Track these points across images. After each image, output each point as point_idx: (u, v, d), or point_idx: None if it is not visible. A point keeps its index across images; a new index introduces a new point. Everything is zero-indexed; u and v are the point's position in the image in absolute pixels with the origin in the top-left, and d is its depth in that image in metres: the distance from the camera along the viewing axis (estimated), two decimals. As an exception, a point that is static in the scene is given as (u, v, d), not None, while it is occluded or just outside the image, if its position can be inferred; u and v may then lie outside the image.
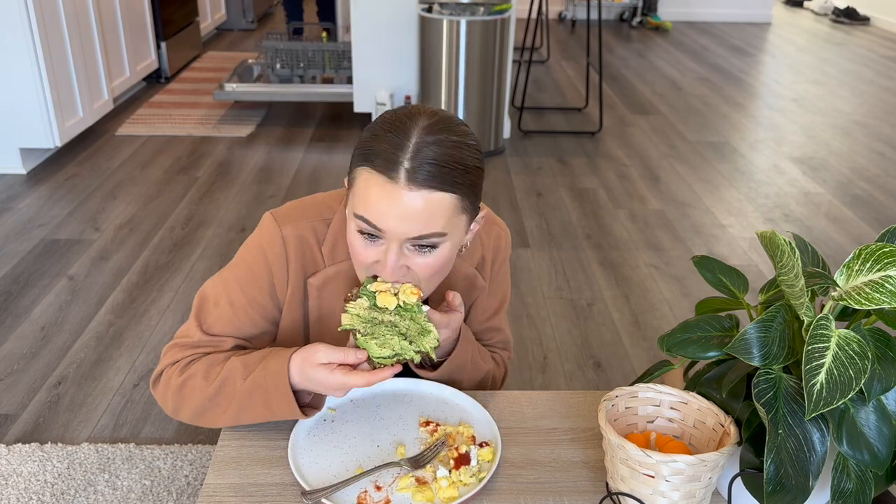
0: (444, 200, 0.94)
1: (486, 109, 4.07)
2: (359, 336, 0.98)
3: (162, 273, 2.90)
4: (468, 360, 1.17)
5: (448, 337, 1.10)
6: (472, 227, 1.04)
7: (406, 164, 0.92)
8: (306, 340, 1.16)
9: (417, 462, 1.00)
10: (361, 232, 0.98)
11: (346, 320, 0.99)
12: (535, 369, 2.43)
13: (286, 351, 1.02)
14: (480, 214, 1.06)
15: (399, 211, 0.93)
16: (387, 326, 0.98)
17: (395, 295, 0.98)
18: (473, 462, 1.00)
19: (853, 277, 0.86)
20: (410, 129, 0.94)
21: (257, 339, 1.14)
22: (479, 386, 1.22)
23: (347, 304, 0.99)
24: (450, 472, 0.98)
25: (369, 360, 0.98)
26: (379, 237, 0.97)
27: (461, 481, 0.97)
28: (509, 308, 2.74)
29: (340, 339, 1.13)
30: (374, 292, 0.98)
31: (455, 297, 1.10)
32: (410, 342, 0.97)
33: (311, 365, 0.98)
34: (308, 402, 1.05)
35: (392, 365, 0.97)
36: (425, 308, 1.00)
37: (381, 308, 0.98)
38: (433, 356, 0.99)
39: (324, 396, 1.06)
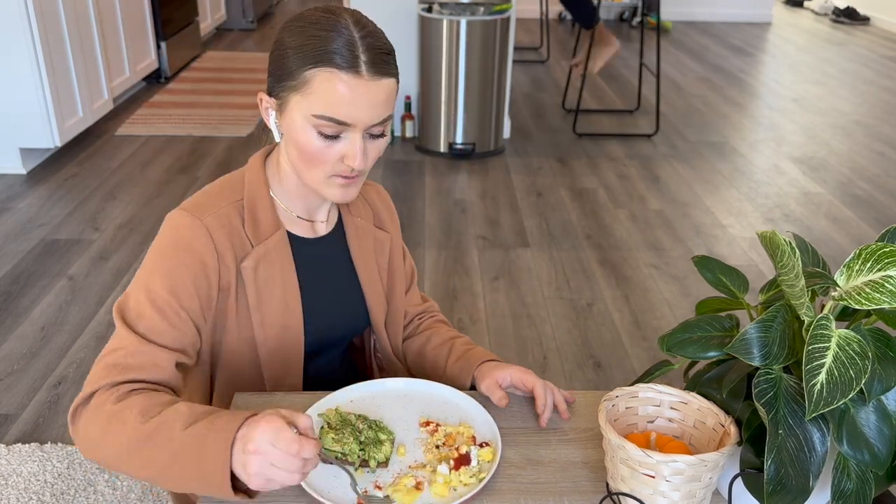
0: (392, 84, 1.02)
1: (486, 109, 4.07)
2: (324, 426, 1.01)
3: (162, 273, 2.89)
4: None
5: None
6: None
7: (363, 57, 0.98)
8: (245, 327, 1.10)
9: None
10: (322, 134, 1.00)
11: (323, 417, 1.02)
12: (534, 369, 2.43)
13: (239, 413, 0.89)
14: None
15: (367, 101, 0.99)
16: (352, 429, 1.00)
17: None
18: (474, 462, 1.00)
19: (853, 277, 0.86)
20: (346, 25, 0.99)
21: (191, 348, 1.04)
22: None
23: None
24: (450, 471, 0.98)
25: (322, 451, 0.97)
26: (339, 135, 1.01)
27: (461, 482, 0.97)
28: (509, 308, 2.75)
29: (281, 318, 1.11)
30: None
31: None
32: (362, 449, 0.99)
33: (266, 426, 0.83)
34: (242, 488, 0.89)
35: (336, 458, 0.97)
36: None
37: (355, 415, 1.03)
38: (372, 467, 0.98)
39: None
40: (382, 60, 1.00)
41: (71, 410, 0.96)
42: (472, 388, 1.19)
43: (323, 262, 1.18)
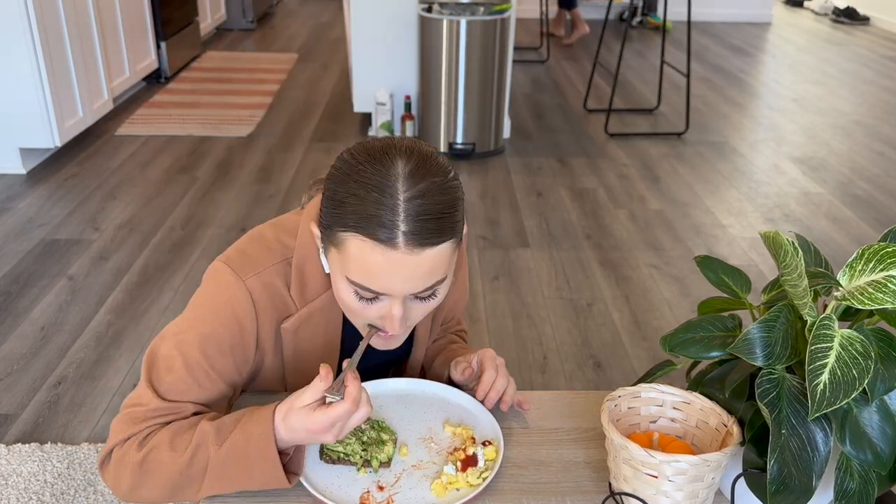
0: (443, 251, 0.90)
1: (486, 109, 4.07)
2: None
3: (162, 273, 2.89)
4: None
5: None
6: None
7: (402, 226, 0.86)
8: (285, 383, 1.11)
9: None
10: (358, 294, 0.93)
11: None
12: (534, 369, 2.43)
13: (265, 410, 0.93)
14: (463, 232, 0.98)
15: (402, 275, 0.89)
16: (354, 430, 1.00)
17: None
18: (480, 463, 0.99)
19: (856, 277, 0.86)
20: (393, 181, 0.86)
21: (216, 404, 1.04)
22: None
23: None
24: (456, 472, 0.98)
25: (322, 448, 1.01)
26: (378, 298, 0.93)
27: (468, 482, 0.97)
28: (509, 308, 2.74)
29: (316, 368, 1.11)
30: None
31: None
32: (364, 449, 0.99)
33: (294, 412, 0.90)
34: (286, 466, 0.94)
35: (339, 459, 0.99)
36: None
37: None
38: (375, 467, 0.98)
39: (301, 459, 0.96)
40: (428, 229, 0.87)
41: (98, 462, 0.99)
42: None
43: None
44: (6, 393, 2.23)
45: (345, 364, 0.92)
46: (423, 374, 1.30)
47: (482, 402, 1.09)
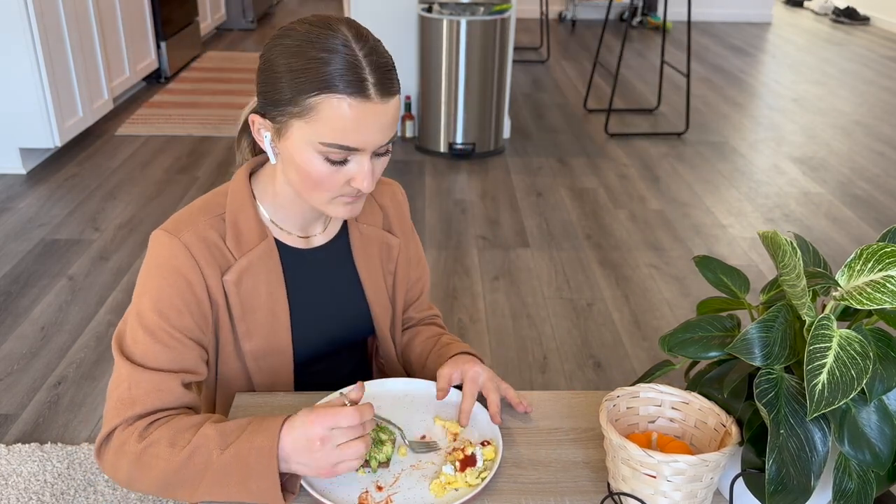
0: (398, 101, 0.97)
1: (486, 109, 4.07)
2: None
3: (162, 273, 2.89)
4: None
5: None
6: None
7: (370, 78, 0.92)
8: (236, 338, 1.11)
9: (413, 447, 1.03)
10: (329, 160, 0.96)
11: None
12: (534, 369, 2.43)
13: (273, 423, 0.92)
14: None
15: (377, 123, 0.94)
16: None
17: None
18: (479, 463, 0.99)
19: (855, 277, 0.86)
20: (346, 41, 0.93)
21: (195, 367, 1.05)
22: None
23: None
24: (455, 472, 0.98)
25: None
26: (347, 159, 0.97)
27: (467, 482, 0.97)
28: (509, 308, 2.74)
29: (267, 328, 1.11)
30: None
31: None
32: None
33: (305, 411, 0.91)
34: (284, 483, 0.94)
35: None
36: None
37: None
38: (374, 467, 0.99)
39: (297, 480, 0.95)
40: (389, 79, 0.94)
41: (95, 449, 0.99)
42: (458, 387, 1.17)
43: (319, 271, 1.16)
44: (6, 393, 2.24)
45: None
46: (408, 367, 1.30)
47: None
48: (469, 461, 0.99)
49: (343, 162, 0.97)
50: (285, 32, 0.96)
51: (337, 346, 1.22)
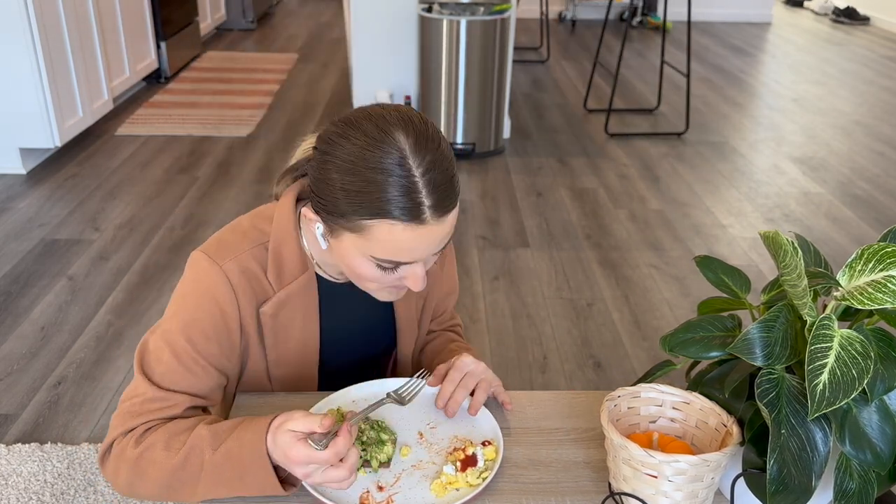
0: (456, 212, 0.95)
1: (486, 109, 4.07)
2: None
3: (162, 273, 2.89)
4: None
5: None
6: None
7: (426, 202, 0.88)
8: (266, 370, 1.12)
9: (402, 398, 1.06)
10: (381, 267, 0.95)
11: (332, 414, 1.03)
12: (535, 369, 2.43)
13: (261, 420, 0.93)
14: None
15: (430, 244, 0.93)
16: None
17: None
18: (480, 463, 0.99)
19: (856, 277, 0.86)
20: (405, 160, 0.87)
21: (210, 393, 1.05)
22: None
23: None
24: (455, 472, 0.98)
25: None
26: (399, 266, 0.96)
27: (467, 482, 0.97)
28: (509, 308, 2.74)
29: (297, 357, 1.11)
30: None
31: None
32: (364, 449, 0.99)
33: (282, 431, 0.90)
34: (285, 477, 0.95)
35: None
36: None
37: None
38: (374, 468, 0.99)
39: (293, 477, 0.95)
40: (446, 196, 0.90)
41: (99, 457, 1.00)
42: None
43: (353, 302, 1.15)
44: (6, 393, 2.23)
45: (348, 416, 0.97)
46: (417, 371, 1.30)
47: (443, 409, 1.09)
48: (470, 461, 0.99)
49: (395, 268, 0.96)
50: (339, 135, 0.91)
51: (359, 365, 1.22)
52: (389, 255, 0.92)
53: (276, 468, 0.92)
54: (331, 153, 0.91)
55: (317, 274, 1.10)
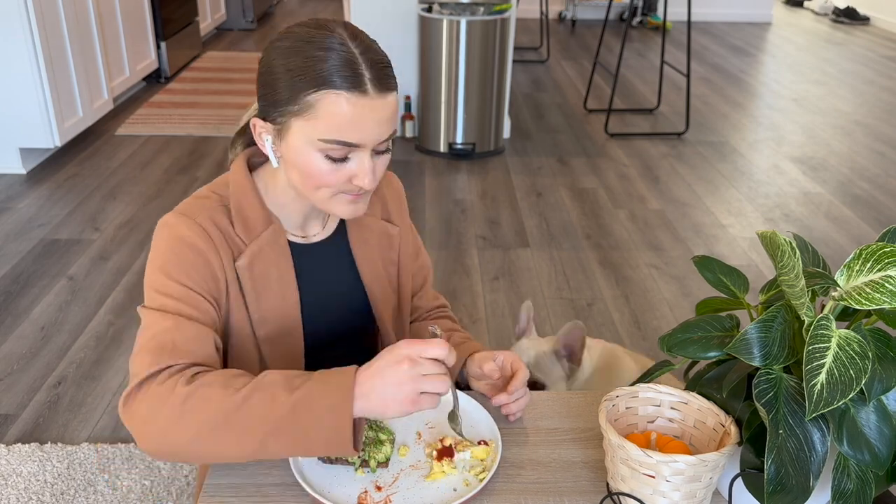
0: (395, 98, 0.99)
1: (486, 109, 4.07)
2: None
3: (162, 273, 2.89)
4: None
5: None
6: None
7: (367, 74, 0.94)
8: (252, 331, 1.11)
9: (458, 427, 1.02)
10: (329, 157, 0.97)
11: None
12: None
13: (347, 367, 0.92)
14: None
15: (375, 119, 0.96)
16: None
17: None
18: (463, 455, 1.00)
19: (854, 277, 0.86)
20: (342, 40, 0.95)
21: (213, 326, 1.04)
22: None
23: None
24: (432, 461, 1.00)
25: None
26: (347, 157, 0.98)
27: (444, 472, 0.99)
28: (509, 308, 2.74)
29: (279, 310, 1.11)
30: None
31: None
32: (362, 449, 0.99)
33: (395, 343, 0.91)
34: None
35: (337, 458, 0.99)
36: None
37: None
38: (373, 467, 0.99)
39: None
40: (385, 75, 0.96)
41: (122, 401, 0.93)
42: (461, 387, 1.18)
43: (320, 263, 1.17)
44: (6, 393, 2.24)
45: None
46: None
47: (501, 407, 1.10)
48: (446, 452, 1.00)
49: (344, 160, 0.98)
50: (282, 35, 0.98)
51: (342, 336, 1.22)
52: (335, 134, 0.95)
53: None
54: (274, 47, 0.98)
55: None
